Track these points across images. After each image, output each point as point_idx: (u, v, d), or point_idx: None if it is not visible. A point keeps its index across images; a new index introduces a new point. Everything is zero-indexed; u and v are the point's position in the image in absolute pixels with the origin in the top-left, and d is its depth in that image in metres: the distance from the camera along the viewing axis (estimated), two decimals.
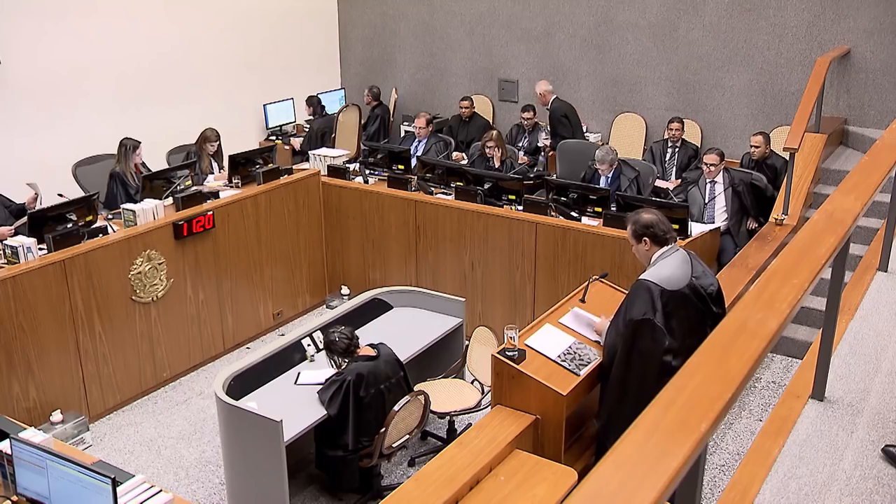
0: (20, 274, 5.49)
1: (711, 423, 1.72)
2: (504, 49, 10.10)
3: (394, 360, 5.01)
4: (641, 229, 4.25)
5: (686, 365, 2.02)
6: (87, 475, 3.26)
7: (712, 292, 4.20)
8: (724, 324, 2.20)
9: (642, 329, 4.03)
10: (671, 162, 8.40)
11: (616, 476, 1.60)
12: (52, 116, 8.06)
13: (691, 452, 1.65)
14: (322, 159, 7.85)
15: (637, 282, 4.15)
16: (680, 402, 1.83)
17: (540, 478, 3.92)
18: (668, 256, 4.21)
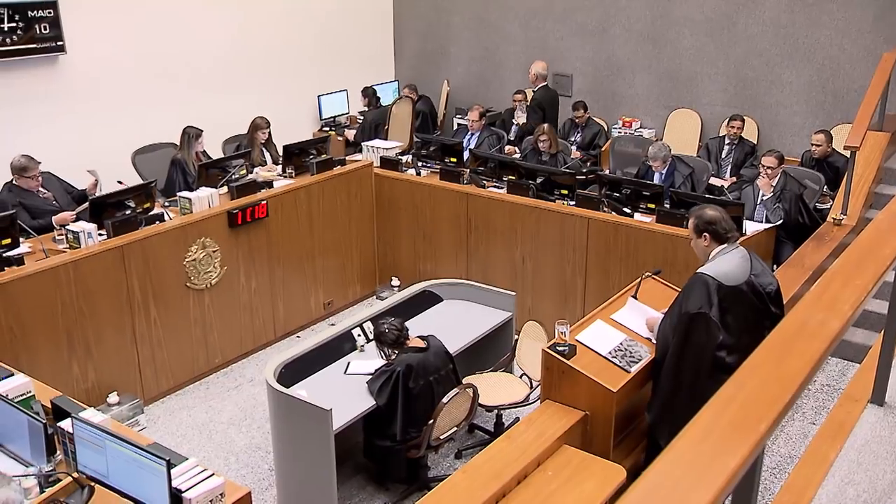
0: (81, 259, 5.61)
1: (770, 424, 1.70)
2: (558, 43, 10.03)
3: (443, 353, 5.02)
4: (704, 224, 4.23)
5: (744, 365, 2.00)
6: (144, 456, 3.32)
7: (771, 291, 4.14)
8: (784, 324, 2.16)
9: (697, 322, 4.00)
10: (727, 159, 8.28)
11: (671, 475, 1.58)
12: (112, 105, 8.22)
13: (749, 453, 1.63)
14: (375, 151, 7.88)
15: (694, 275, 4.12)
16: (738, 402, 1.80)
17: (588, 474, 3.90)
18: (727, 253, 4.18)
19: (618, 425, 4.21)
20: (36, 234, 5.94)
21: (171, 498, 3.28)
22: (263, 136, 7.85)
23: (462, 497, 3.63)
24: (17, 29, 7.38)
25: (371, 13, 10.96)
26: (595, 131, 9.26)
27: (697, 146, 9.08)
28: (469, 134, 8.72)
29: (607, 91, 9.80)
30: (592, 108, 9.43)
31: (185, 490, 3.32)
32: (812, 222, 6.67)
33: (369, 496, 5.22)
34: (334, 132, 10.02)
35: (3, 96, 7.48)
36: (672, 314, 4.18)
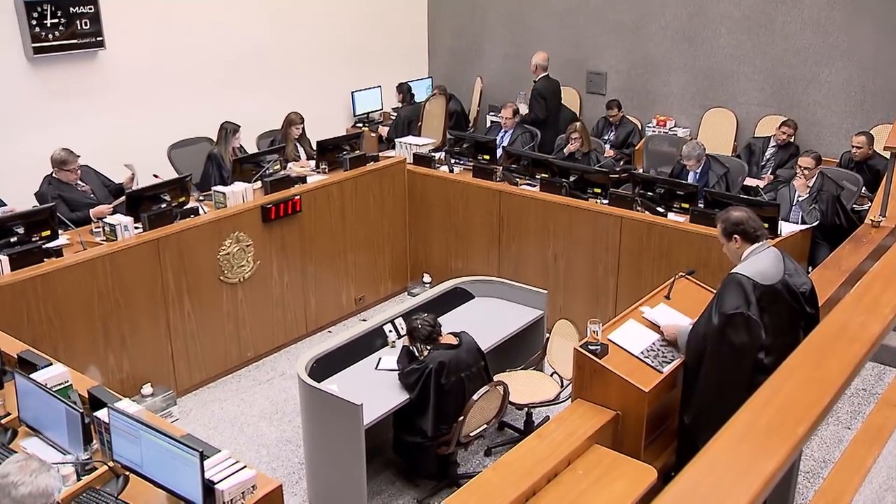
0: (117, 251, 5.69)
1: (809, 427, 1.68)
2: (593, 41, 9.98)
3: (475, 350, 5.02)
4: (731, 227, 4.19)
5: (781, 367, 1.98)
6: (177, 447, 3.35)
7: (805, 291, 4.10)
8: (822, 327, 2.14)
9: (735, 323, 3.96)
10: (771, 160, 8.17)
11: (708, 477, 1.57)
12: (149, 100, 8.31)
13: (787, 456, 1.61)
14: (408, 147, 7.89)
15: (729, 276, 4.08)
16: (775, 405, 1.79)
17: (619, 473, 3.89)
18: (760, 253, 4.14)
19: (649, 426, 4.19)
20: (74, 227, 6.03)
21: (204, 489, 3.30)
22: (297, 132, 7.89)
23: (492, 494, 3.63)
24: (60, 25, 7.49)
25: (405, 10, 10.97)
26: (629, 130, 9.21)
27: (733, 145, 8.99)
28: (502, 131, 8.71)
29: (641, 89, 9.73)
30: (626, 107, 9.37)
31: (217, 482, 3.35)
32: (849, 224, 6.57)
33: (398, 492, 5.24)
34: (367, 128, 10.05)
35: (45, 90, 7.59)
36: (707, 316, 4.14)
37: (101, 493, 3.57)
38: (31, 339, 4.93)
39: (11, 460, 2.97)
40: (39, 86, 7.56)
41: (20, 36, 7.34)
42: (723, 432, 1.67)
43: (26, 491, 2.84)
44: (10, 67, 7.37)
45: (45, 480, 2.91)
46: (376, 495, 5.17)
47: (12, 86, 7.40)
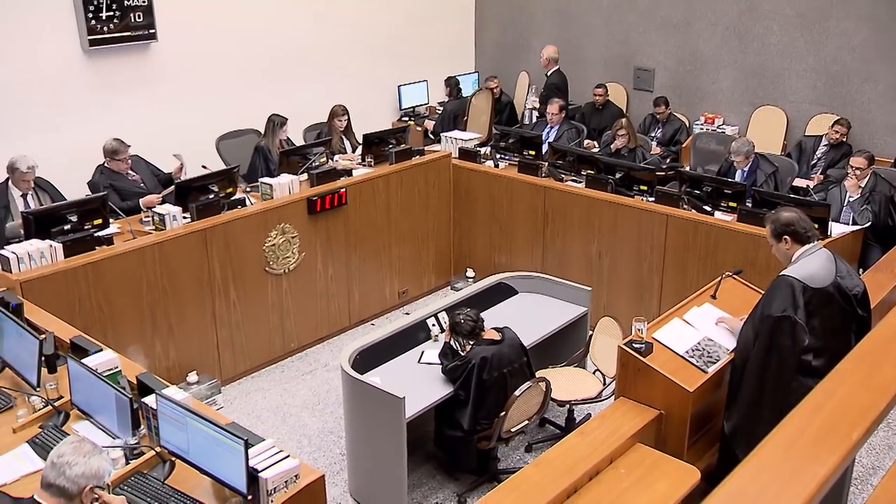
0: (166, 240, 5.77)
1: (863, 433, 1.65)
2: (641, 37, 9.89)
3: (518, 345, 5.01)
4: (781, 228, 4.13)
5: (833, 371, 1.95)
6: (223, 435, 3.40)
7: (857, 294, 4.02)
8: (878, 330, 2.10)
9: (781, 326, 3.91)
10: (822, 159, 8.03)
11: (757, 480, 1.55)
12: (199, 92, 8.41)
13: (840, 462, 1.59)
14: (454, 141, 7.90)
15: (778, 277, 4.02)
16: (827, 409, 1.76)
17: (661, 473, 3.85)
18: (811, 254, 4.08)
19: (693, 426, 4.15)
20: (124, 216, 6.13)
21: (248, 477, 3.34)
22: (341, 124, 7.94)
23: (533, 490, 3.62)
24: (114, 17, 7.62)
25: (453, 4, 10.97)
26: (676, 127, 9.12)
27: (782, 144, 8.85)
28: (548, 127, 8.67)
29: (690, 86, 9.62)
30: (674, 104, 9.28)
31: (261, 470, 3.38)
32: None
33: (438, 485, 5.26)
34: (413, 122, 10.07)
35: (99, 82, 7.73)
36: (754, 317, 4.09)
37: (148, 478, 3.63)
38: (82, 325, 5.03)
39: (66, 441, 3.05)
40: (94, 77, 7.70)
41: (77, 28, 7.48)
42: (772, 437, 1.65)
43: (80, 471, 2.91)
44: (67, 59, 7.51)
45: (98, 462, 2.98)
46: (416, 488, 5.19)
47: (69, 77, 7.55)
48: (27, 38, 7.22)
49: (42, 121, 7.37)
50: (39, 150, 6.63)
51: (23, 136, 7.11)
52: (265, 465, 3.42)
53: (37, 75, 7.33)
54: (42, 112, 7.39)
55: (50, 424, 4.00)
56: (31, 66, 7.28)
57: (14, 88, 7.22)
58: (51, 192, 6.31)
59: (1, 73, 7.11)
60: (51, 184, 6.35)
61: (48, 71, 7.40)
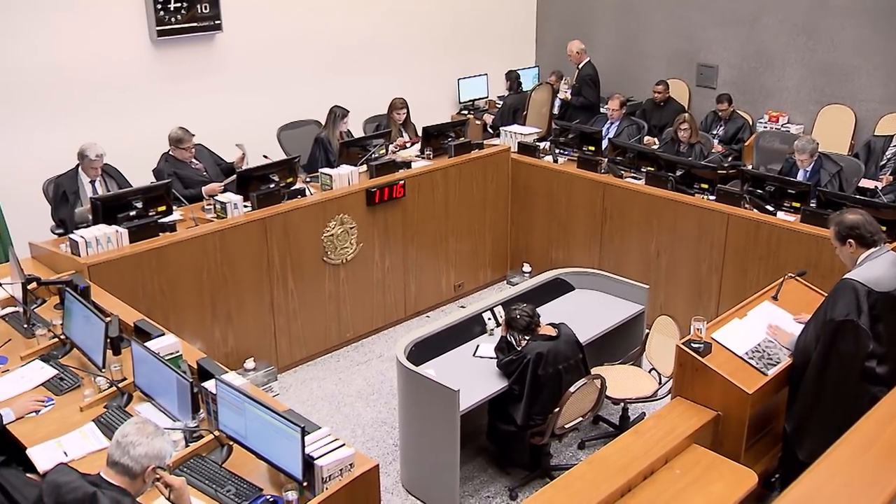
0: (227, 228, 5.87)
1: None
2: (705, 32, 9.74)
3: (574, 342, 4.99)
4: (846, 231, 4.04)
5: None
6: (280, 421, 3.45)
7: None
8: None
9: (844, 331, 3.83)
10: (892, 160, 7.81)
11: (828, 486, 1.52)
12: (261, 82, 8.52)
13: None
14: (513, 136, 7.88)
15: (842, 281, 3.94)
16: None
17: (717, 475, 3.81)
18: (877, 258, 3.98)
19: (751, 428, 4.10)
20: (187, 203, 6.23)
21: (304, 464, 3.39)
22: (400, 117, 7.97)
23: (587, 488, 3.61)
24: (182, 8, 7.76)
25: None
26: (739, 125, 8.96)
27: (850, 144, 8.64)
28: (608, 123, 8.60)
29: (754, 84, 9.45)
30: (737, 101, 9.13)
31: (317, 457, 3.42)
32: None
33: (490, 479, 5.26)
34: (473, 116, 10.07)
35: (166, 72, 7.89)
36: (816, 321, 4.01)
37: (206, 461, 3.71)
38: (145, 309, 5.15)
39: (130, 422, 3.13)
40: (161, 67, 7.86)
41: (146, 19, 7.63)
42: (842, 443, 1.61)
43: (143, 451, 2.99)
44: (136, 49, 7.68)
45: (160, 443, 3.05)
46: (468, 481, 5.20)
47: (137, 66, 7.71)
48: (99, 28, 7.40)
49: (111, 108, 7.55)
50: (108, 137, 6.79)
51: (93, 123, 7.30)
52: (321, 452, 3.46)
53: (107, 64, 7.51)
54: (111, 100, 7.57)
55: (114, 405, 4.10)
56: (102, 55, 7.45)
57: (86, 77, 7.40)
58: (118, 178, 6.45)
59: (74, 63, 7.30)
60: (118, 170, 6.49)
61: (118, 60, 7.57)
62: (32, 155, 6.98)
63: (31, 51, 7.06)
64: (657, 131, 8.94)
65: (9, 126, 7.01)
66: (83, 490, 2.93)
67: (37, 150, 7.01)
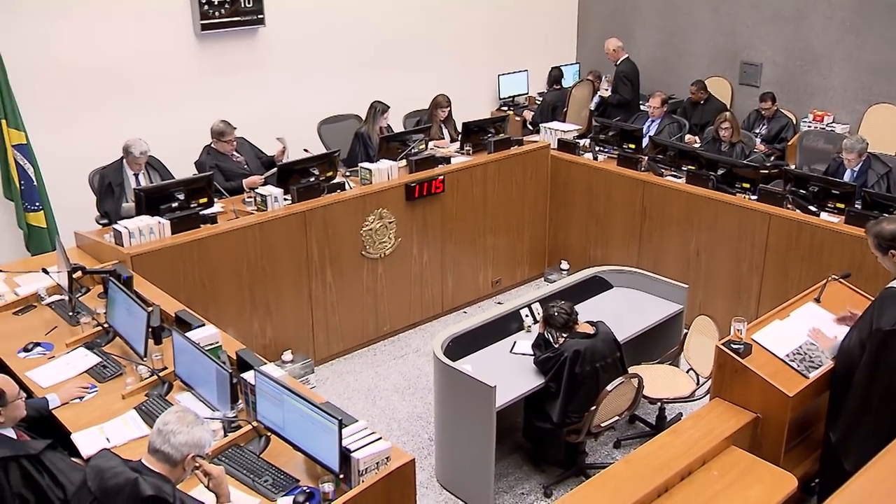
0: (267, 221, 5.92)
1: None
2: (749, 30, 9.61)
3: (611, 340, 4.96)
4: (887, 243, 3.94)
5: None
6: (318, 413, 3.47)
7: None
8: None
9: (891, 340, 3.75)
10: None
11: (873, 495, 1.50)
12: (302, 77, 8.57)
13: None
14: (553, 132, 7.85)
15: (887, 289, 3.87)
16: None
17: (755, 478, 3.76)
18: None
19: (791, 431, 4.05)
20: (228, 195, 6.30)
21: (341, 456, 3.41)
22: (443, 114, 7.98)
23: (624, 486, 3.59)
24: (226, 3, 7.83)
25: None
26: (782, 124, 8.84)
27: None
28: (649, 121, 8.54)
29: (799, 82, 9.31)
30: (781, 100, 9.00)
31: (353, 450, 3.44)
32: None
33: (525, 476, 5.26)
34: (512, 112, 10.04)
35: (209, 65, 7.96)
36: (861, 328, 3.94)
37: (244, 451, 3.75)
38: (185, 300, 5.21)
39: (170, 411, 3.18)
40: (204, 60, 7.93)
41: (191, 13, 7.71)
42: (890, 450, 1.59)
43: (183, 440, 3.04)
44: (180, 43, 7.76)
45: (199, 432, 3.10)
46: (503, 477, 5.20)
47: (181, 60, 7.80)
48: (145, 22, 7.49)
49: (155, 101, 7.65)
50: (151, 130, 6.90)
51: (137, 116, 7.40)
52: (357, 445, 3.48)
53: (152, 58, 7.60)
54: (156, 93, 7.66)
55: (155, 393, 4.17)
56: (147, 49, 7.55)
57: (131, 70, 7.50)
58: (161, 170, 6.54)
59: (120, 56, 7.40)
60: (161, 162, 6.58)
61: (163, 54, 7.66)
62: (79, 146, 7.09)
63: (79, 45, 7.17)
64: (698, 130, 8.85)
65: (57, 117, 7.12)
66: (125, 476, 2.98)
67: (83, 142, 7.12)
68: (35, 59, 6.93)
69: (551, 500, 5.05)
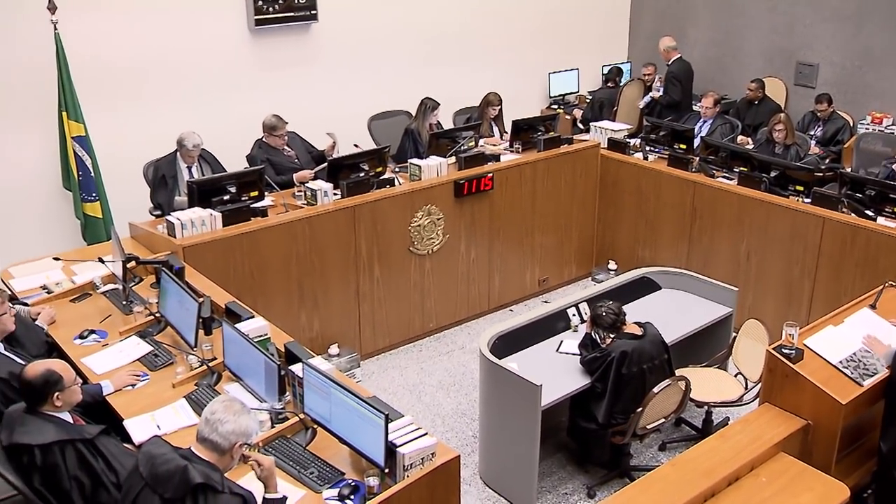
0: (316, 215, 5.97)
1: None
2: (807, 29, 9.44)
3: (659, 342, 4.92)
4: None
5: None
6: (365, 407, 3.50)
7: None
8: None
9: None
10: None
11: None
12: (353, 73, 8.61)
13: None
14: (603, 132, 7.79)
15: None
16: None
17: (805, 486, 3.71)
18: None
19: (843, 440, 3.97)
20: (279, 189, 6.37)
21: (387, 450, 3.43)
22: (494, 112, 7.97)
23: (670, 489, 3.57)
24: None
25: None
26: (839, 126, 8.66)
27: None
28: (701, 121, 8.43)
29: (857, 84, 9.12)
30: (837, 102, 8.82)
31: (399, 445, 3.46)
32: None
33: (569, 475, 5.24)
34: (562, 110, 9.99)
35: (262, 60, 8.04)
36: None
37: (291, 442, 3.79)
38: (235, 291, 5.27)
39: (217, 400, 3.23)
40: (257, 55, 8.01)
41: (245, 9, 7.80)
42: None
43: (231, 428, 3.09)
44: (234, 38, 7.86)
45: (246, 421, 3.15)
46: (546, 477, 5.19)
47: (235, 55, 7.89)
48: (201, 17, 7.59)
49: (209, 95, 7.75)
50: (205, 123, 6.99)
51: (191, 109, 7.52)
52: (403, 440, 3.50)
53: (207, 52, 7.70)
54: (210, 87, 7.76)
55: (204, 383, 4.23)
56: (202, 43, 7.65)
57: (186, 64, 7.61)
58: (213, 163, 6.63)
59: (176, 50, 7.51)
60: (213, 156, 6.67)
61: (217, 49, 7.76)
62: (135, 138, 7.22)
63: (137, 40, 7.29)
64: (751, 131, 8.71)
65: (113, 110, 7.26)
66: (175, 463, 3.04)
67: (139, 134, 7.25)
68: (95, 53, 7.06)
69: (595, 501, 5.03)
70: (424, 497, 3.48)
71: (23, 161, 6.98)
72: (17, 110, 6.87)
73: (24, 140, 6.94)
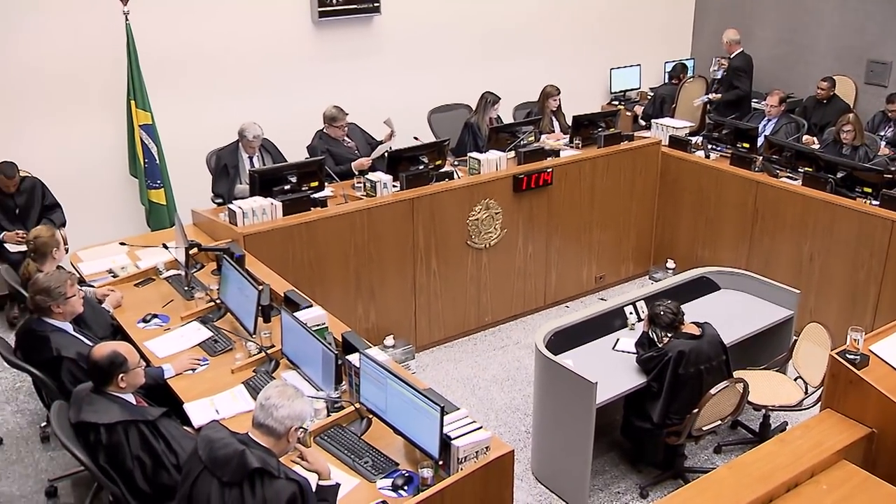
0: (375, 207, 6.01)
1: None
2: (879, 26, 9.18)
3: (717, 343, 4.85)
4: None
5: None
6: (421, 399, 3.52)
7: None
8: None
9: None
10: None
11: None
12: (414, 65, 8.63)
13: None
14: (664, 129, 7.70)
15: None
16: None
17: (868, 497, 3.60)
18: None
19: None
20: (338, 180, 6.43)
21: (441, 443, 3.45)
22: (553, 105, 7.93)
23: (726, 493, 3.51)
24: None
25: None
26: None
27: None
28: (765, 119, 8.28)
29: None
30: None
31: (454, 437, 3.47)
32: None
33: (622, 474, 5.20)
34: (623, 106, 9.89)
35: (325, 51, 8.10)
36: None
37: (346, 431, 3.83)
38: (293, 280, 5.34)
39: (271, 385, 3.29)
40: (320, 47, 8.08)
41: (309, 0, 7.87)
42: None
43: (285, 413, 3.14)
44: (299, 29, 7.93)
45: (300, 405, 3.19)
46: (598, 475, 5.16)
47: (299, 46, 7.96)
48: (266, 8, 7.68)
49: (272, 85, 7.84)
50: (267, 113, 7.10)
51: (254, 99, 7.61)
52: (458, 433, 3.51)
53: (271, 43, 7.79)
54: (273, 77, 7.85)
55: (262, 370, 4.30)
56: (266, 34, 7.74)
57: (251, 54, 7.71)
58: (274, 153, 6.72)
59: (241, 40, 7.61)
60: (274, 146, 6.76)
61: (281, 39, 7.84)
62: (199, 127, 7.34)
63: (202, 30, 7.41)
64: (818, 130, 8.52)
65: (179, 100, 7.39)
66: (233, 447, 3.09)
67: (203, 123, 7.37)
68: (163, 43, 7.20)
69: (647, 501, 4.99)
70: (478, 490, 3.49)
71: (92, 148, 7.15)
72: (89, 99, 7.05)
73: (94, 128, 7.12)
